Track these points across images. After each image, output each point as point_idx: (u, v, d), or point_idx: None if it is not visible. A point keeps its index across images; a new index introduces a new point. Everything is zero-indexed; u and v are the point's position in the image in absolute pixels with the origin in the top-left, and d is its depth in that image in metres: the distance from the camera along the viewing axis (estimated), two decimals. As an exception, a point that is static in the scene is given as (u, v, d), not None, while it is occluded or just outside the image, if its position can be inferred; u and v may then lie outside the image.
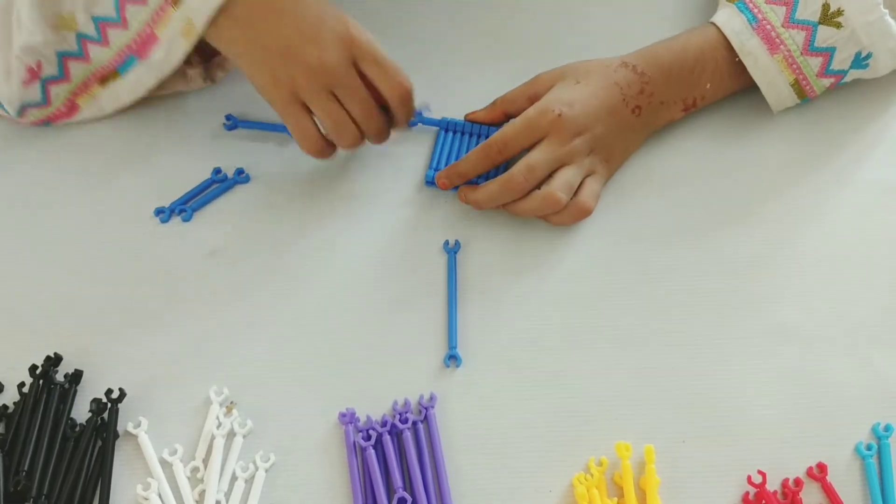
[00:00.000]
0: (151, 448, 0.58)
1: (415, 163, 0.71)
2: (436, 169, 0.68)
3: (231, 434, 0.58)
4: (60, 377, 0.60)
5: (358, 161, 0.70)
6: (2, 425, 0.58)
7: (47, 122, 0.71)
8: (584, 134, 0.65)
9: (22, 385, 0.59)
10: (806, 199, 0.68)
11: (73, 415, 0.58)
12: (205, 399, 0.60)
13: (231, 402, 0.60)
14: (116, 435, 0.58)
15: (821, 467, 0.56)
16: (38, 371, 0.59)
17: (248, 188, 0.70)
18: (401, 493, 0.55)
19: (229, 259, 0.66)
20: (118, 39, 0.66)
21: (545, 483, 0.56)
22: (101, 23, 0.66)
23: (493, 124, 0.70)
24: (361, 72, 0.62)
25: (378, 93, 0.64)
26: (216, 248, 0.66)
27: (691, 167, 0.70)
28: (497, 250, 0.66)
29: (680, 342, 0.62)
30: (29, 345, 0.61)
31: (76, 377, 0.60)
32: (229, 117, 0.72)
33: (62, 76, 0.68)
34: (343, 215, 0.68)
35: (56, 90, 0.69)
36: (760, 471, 0.56)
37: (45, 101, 0.69)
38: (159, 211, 0.68)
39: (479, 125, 0.70)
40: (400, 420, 0.58)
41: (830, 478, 0.56)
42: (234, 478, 0.57)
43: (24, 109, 0.69)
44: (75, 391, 0.59)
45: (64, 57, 0.67)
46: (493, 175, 0.66)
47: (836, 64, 0.68)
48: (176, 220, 0.68)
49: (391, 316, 0.63)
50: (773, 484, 0.56)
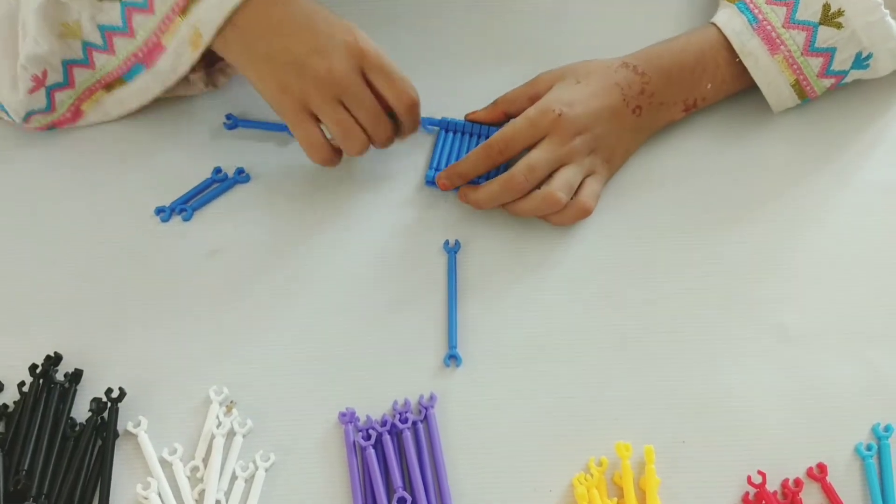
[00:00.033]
0: (151, 447, 0.58)
1: (415, 163, 0.71)
2: (436, 169, 0.68)
3: (231, 433, 0.58)
4: (60, 376, 0.60)
5: (358, 161, 0.70)
6: (2, 424, 0.58)
7: (52, 128, 0.71)
8: (585, 134, 0.65)
9: (22, 384, 0.59)
10: (806, 200, 0.68)
11: (73, 414, 0.58)
12: (204, 398, 0.60)
13: (231, 402, 0.60)
14: (116, 434, 0.58)
15: (821, 467, 0.56)
16: (38, 370, 0.59)
17: (248, 188, 0.70)
18: (400, 493, 0.55)
19: (229, 259, 0.66)
20: (125, 48, 0.66)
21: (545, 483, 0.56)
22: (108, 31, 0.65)
23: (494, 124, 0.70)
24: (369, 81, 0.62)
25: (385, 101, 0.64)
26: (216, 248, 0.66)
27: (691, 167, 0.70)
28: (497, 250, 0.66)
29: (680, 342, 0.62)
30: (29, 344, 0.61)
31: (76, 376, 0.60)
32: (230, 117, 0.72)
33: (67, 83, 0.68)
34: (343, 215, 0.68)
35: (61, 96, 0.69)
36: (760, 471, 0.56)
37: (50, 108, 0.69)
38: (160, 210, 0.68)
39: (480, 125, 0.70)
40: (400, 420, 0.58)
41: (830, 478, 0.56)
42: (234, 477, 0.57)
43: (30, 116, 0.69)
44: (75, 390, 0.59)
45: (69, 65, 0.67)
46: (494, 175, 0.66)
47: (837, 64, 0.68)
48: (176, 220, 0.68)
49: (391, 316, 0.63)
50: (773, 484, 0.56)
